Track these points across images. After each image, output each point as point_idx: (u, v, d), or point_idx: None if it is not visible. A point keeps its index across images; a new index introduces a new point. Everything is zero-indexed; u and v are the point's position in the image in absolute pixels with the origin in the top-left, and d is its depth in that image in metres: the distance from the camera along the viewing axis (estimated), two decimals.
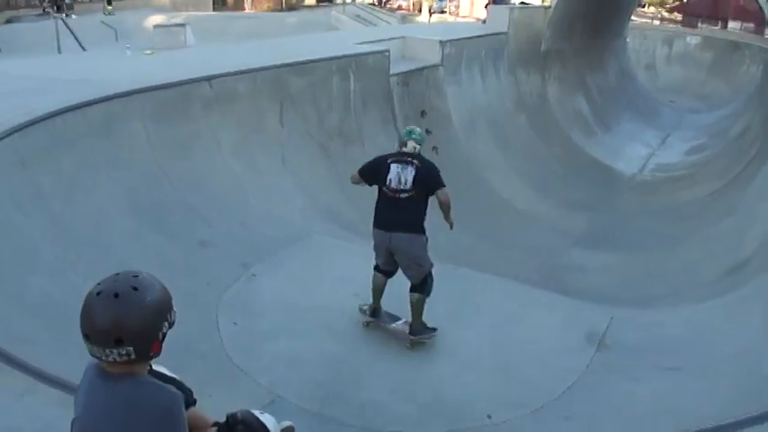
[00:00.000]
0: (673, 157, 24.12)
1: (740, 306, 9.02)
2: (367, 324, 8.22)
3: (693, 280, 11.32)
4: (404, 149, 7.72)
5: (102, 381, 2.60)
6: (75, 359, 3.01)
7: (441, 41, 18.40)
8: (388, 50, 16.20)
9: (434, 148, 16.56)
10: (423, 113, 17.03)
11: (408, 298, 7.77)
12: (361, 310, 8.33)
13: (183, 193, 10.20)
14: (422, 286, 7.68)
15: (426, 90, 17.59)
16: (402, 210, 7.44)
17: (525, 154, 20.13)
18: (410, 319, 7.91)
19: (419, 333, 7.82)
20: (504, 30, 22.03)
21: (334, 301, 8.76)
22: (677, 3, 62.28)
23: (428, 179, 7.45)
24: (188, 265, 8.83)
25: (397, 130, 15.92)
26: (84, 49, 33.54)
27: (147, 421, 2.55)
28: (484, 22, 24.80)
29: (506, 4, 25.07)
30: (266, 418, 3.37)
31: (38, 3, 47.13)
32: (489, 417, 6.71)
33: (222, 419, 3.29)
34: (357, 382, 7.29)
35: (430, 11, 57.16)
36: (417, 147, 7.68)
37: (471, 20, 44.57)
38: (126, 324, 2.50)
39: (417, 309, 7.75)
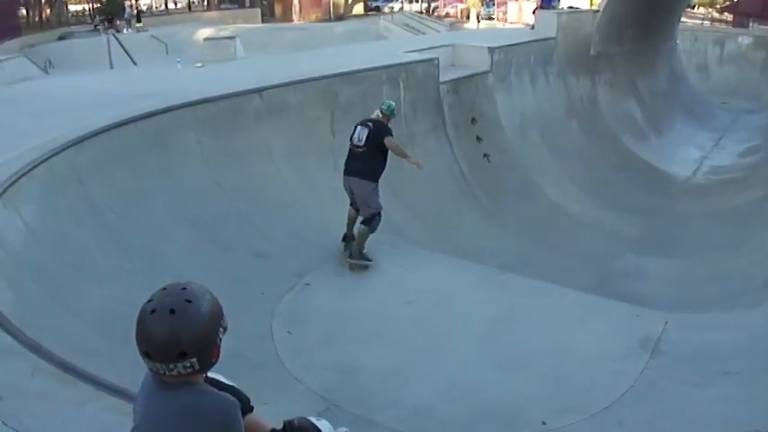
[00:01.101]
0: (726, 160, 23.61)
1: None
2: (344, 248, 10.30)
3: (748, 284, 11.12)
4: (371, 116, 10.25)
5: (160, 389, 2.62)
6: (134, 368, 3.07)
7: (490, 48, 18.22)
8: (437, 59, 16.14)
9: (486, 155, 16.53)
10: (473, 121, 16.93)
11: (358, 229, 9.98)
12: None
13: (236, 204, 10.32)
14: (369, 221, 9.90)
15: (476, 97, 17.49)
16: (358, 161, 9.87)
17: (577, 159, 19.90)
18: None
19: (356, 258, 9.88)
20: (553, 35, 21.80)
21: (386, 309, 8.82)
22: (728, 3, 61.38)
23: (376, 135, 9.79)
24: (242, 275, 8.94)
25: (447, 138, 15.91)
26: (135, 63, 33.98)
27: (204, 428, 2.58)
28: (532, 27, 24.61)
29: (554, 8, 24.88)
30: (323, 425, 3.39)
31: (89, 20, 48.11)
32: (544, 423, 6.69)
33: (279, 426, 3.32)
34: (409, 389, 7.33)
35: (478, 17, 56.98)
36: (380, 115, 10.15)
37: (519, 25, 44.34)
38: (187, 337, 2.52)
39: (360, 238, 9.94)
